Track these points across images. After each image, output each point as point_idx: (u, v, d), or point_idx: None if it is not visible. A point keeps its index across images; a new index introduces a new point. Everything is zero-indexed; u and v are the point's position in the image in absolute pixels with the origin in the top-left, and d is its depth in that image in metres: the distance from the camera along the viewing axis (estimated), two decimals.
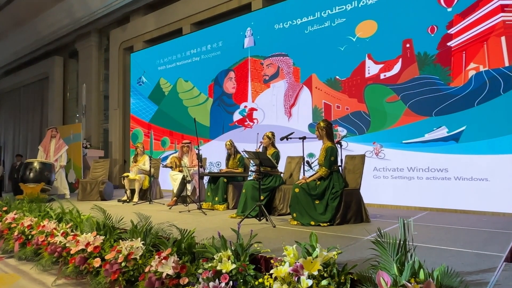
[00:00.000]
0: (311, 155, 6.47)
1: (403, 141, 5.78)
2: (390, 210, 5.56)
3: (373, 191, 5.87)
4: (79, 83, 12.91)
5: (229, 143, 6.18)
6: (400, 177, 5.79)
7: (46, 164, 7.66)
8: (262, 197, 4.92)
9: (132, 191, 7.09)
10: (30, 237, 4.37)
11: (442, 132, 5.44)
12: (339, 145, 5.12)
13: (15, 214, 5.02)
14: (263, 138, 5.39)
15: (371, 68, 6.15)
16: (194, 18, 9.43)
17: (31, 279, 3.73)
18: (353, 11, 6.45)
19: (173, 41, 9.79)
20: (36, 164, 7.51)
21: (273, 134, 5.39)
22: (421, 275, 1.92)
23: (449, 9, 5.46)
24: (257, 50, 7.84)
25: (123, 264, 3.17)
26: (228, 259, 2.68)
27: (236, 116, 8.11)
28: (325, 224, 4.13)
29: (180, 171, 6.52)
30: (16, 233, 4.54)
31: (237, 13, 8.48)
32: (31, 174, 7.36)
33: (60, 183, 8.29)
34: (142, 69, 10.55)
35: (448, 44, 5.46)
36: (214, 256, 2.74)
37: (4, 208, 5.60)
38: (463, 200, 5.18)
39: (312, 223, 4.16)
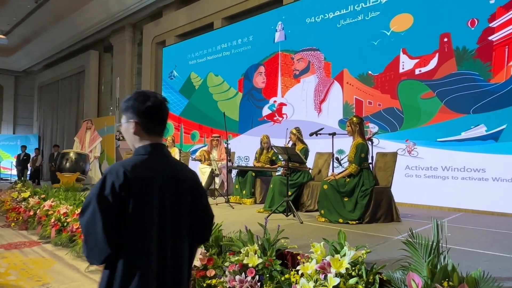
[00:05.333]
0: (340, 151, 6.36)
1: (438, 139, 5.56)
2: (422, 210, 5.38)
3: (405, 190, 5.70)
4: (113, 76, 13.30)
5: (265, 137, 6.15)
6: (433, 176, 5.58)
7: (81, 154, 7.97)
8: (290, 193, 4.90)
9: None
10: (65, 224, 4.56)
11: (481, 130, 5.19)
12: (369, 142, 5.00)
13: (52, 202, 5.25)
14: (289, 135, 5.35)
15: (406, 63, 5.94)
16: (225, 12, 9.45)
17: (66, 264, 3.89)
18: (388, 4, 6.24)
19: (204, 35, 9.87)
20: (72, 155, 7.83)
21: (297, 130, 5.31)
22: (455, 279, 1.84)
23: (492, 1, 5.16)
24: (287, 45, 7.77)
25: None
26: (255, 254, 2.68)
27: (265, 111, 8.09)
28: (354, 222, 4.05)
29: (209, 164, 6.59)
30: (52, 220, 4.75)
31: (268, 7, 8.42)
32: (67, 164, 7.67)
33: (94, 173, 8.60)
34: (174, 64, 10.71)
35: (490, 38, 5.17)
36: (241, 250, 2.75)
37: (42, 196, 5.88)
38: (501, 202, 4.93)
39: (341, 220, 4.10)
